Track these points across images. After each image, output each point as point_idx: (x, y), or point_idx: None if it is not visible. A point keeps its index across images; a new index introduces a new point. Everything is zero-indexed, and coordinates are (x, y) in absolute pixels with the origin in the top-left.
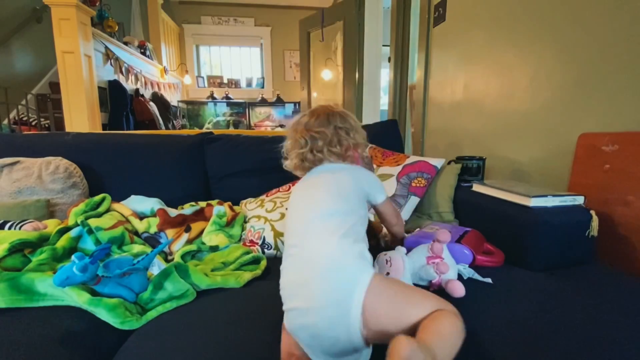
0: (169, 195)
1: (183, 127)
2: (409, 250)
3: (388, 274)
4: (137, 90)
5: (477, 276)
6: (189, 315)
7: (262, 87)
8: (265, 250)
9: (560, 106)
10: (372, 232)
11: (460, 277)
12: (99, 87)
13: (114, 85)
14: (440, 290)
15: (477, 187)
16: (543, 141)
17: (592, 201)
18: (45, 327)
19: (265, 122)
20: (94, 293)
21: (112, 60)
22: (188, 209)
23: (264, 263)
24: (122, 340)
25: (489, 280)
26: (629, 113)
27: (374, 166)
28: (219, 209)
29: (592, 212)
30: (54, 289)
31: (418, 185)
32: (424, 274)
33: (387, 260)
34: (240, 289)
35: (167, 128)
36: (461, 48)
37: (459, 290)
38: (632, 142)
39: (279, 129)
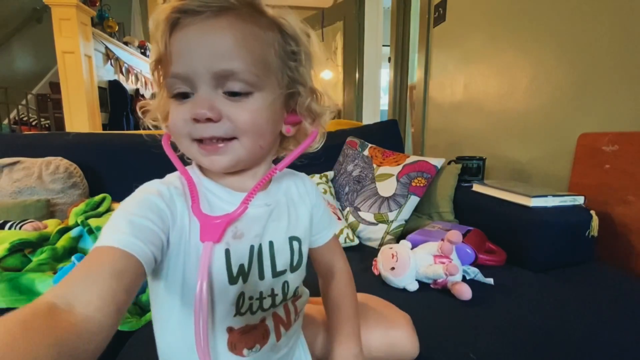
0: None
1: None
2: (413, 246)
3: (393, 268)
4: (137, 90)
5: (479, 276)
6: None
7: None
8: None
9: (560, 106)
10: None
11: (463, 277)
12: (99, 87)
13: (114, 85)
14: (444, 290)
15: (477, 187)
16: (543, 141)
17: (592, 201)
18: None
19: None
20: None
21: (112, 61)
22: None
23: None
24: (121, 341)
25: (490, 281)
26: (629, 113)
27: (374, 166)
28: None
29: (592, 212)
30: None
31: (418, 185)
32: (431, 273)
33: (393, 255)
34: None
35: None
36: (461, 48)
37: (466, 293)
38: (632, 142)
39: None
